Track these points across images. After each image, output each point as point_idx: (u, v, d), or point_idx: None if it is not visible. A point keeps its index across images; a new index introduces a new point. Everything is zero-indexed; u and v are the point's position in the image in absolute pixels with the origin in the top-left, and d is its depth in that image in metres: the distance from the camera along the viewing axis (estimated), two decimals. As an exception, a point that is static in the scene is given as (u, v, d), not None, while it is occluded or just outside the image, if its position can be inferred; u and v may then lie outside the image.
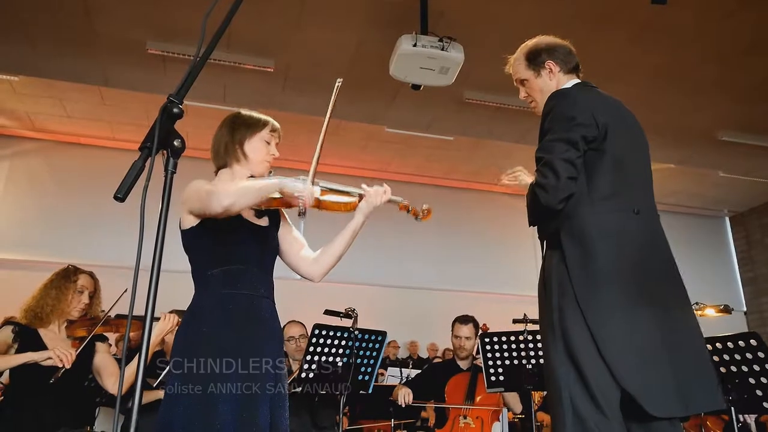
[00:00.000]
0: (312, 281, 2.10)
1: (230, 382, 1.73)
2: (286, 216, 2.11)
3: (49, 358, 2.51)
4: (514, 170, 2.20)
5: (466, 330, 4.05)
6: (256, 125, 1.99)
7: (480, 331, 4.01)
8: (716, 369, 2.69)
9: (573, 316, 1.75)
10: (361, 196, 2.03)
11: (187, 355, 1.76)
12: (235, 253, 1.87)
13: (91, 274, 2.92)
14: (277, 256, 2.06)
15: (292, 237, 2.08)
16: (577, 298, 1.74)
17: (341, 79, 1.97)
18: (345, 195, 2.02)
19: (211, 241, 1.85)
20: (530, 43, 2.14)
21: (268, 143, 2.00)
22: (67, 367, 2.52)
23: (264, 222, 1.99)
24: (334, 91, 1.96)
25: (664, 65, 5.96)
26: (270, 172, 2.04)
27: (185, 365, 1.75)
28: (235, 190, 1.75)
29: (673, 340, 1.75)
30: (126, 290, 2.67)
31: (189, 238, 1.88)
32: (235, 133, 1.97)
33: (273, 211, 2.02)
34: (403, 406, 3.73)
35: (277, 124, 2.04)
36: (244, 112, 2.05)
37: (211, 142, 2.03)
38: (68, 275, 2.84)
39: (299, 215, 1.84)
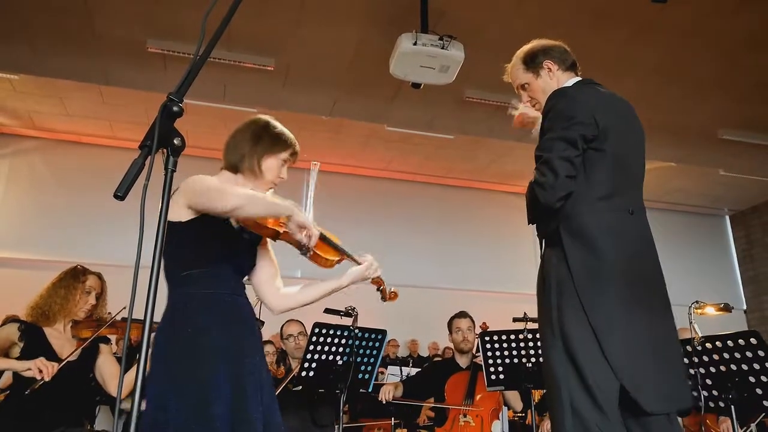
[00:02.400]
0: (271, 311, 2.05)
1: (221, 382, 1.70)
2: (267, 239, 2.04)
3: (29, 369, 2.48)
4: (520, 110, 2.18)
5: (466, 322, 4.09)
6: (281, 145, 1.95)
7: (479, 330, 4.02)
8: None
9: (572, 314, 1.75)
10: (341, 257, 1.99)
11: (174, 358, 1.71)
12: (218, 255, 1.83)
13: (99, 276, 2.92)
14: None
15: (268, 259, 2.03)
16: (579, 295, 1.74)
17: (318, 164, 1.99)
18: (333, 252, 1.97)
19: (198, 239, 1.80)
20: (525, 48, 2.15)
21: (283, 164, 1.96)
22: (47, 380, 2.48)
23: (246, 235, 1.95)
24: (313, 174, 1.96)
25: (664, 63, 5.96)
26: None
27: (172, 368, 1.69)
28: (247, 195, 1.71)
29: (662, 339, 1.78)
30: (124, 307, 2.65)
31: (176, 231, 1.79)
32: (258, 144, 1.92)
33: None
34: (384, 402, 3.74)
35: (298, 149, 1.99)
36: (274, 124, 1.99)
37: (231, 137, 1.97)
38: (77, 275, 2.82)
39: (302, 252, 1.78)
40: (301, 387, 3.26)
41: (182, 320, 1.76)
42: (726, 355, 2.71)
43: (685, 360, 2.76)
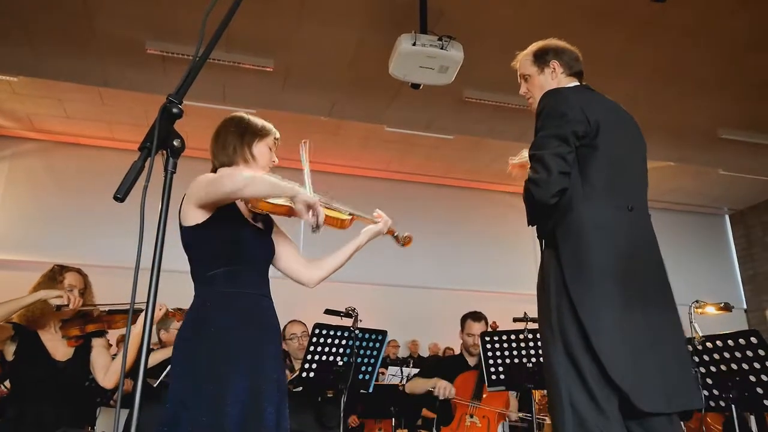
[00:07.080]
0: (306, 286, 2.10)
1: (238, 382, 1.73)
2: (277, 223, 2.11)
3: (59, 296, 2.58)
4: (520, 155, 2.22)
5: (479, 327, 4.09)
6: (263, 132, 2.03)
7: (490, 329, 4.02)
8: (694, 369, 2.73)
9: (570, 315, 1.75)
10: (353, 216, 2.07)
11: (195, 356, 1.75)
12: (239, 252, 1.87)
13: (79, 271, 2.86)
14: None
15: (286, 242, 2.10)
16: (570, 294, 1.75)
17: (308, 141, 2.03)
18: (344, 213, 2.05)
19: (216, 239, 1.85)
20: (540, 42, 2.20)
21: (271, 150, 2.04)
22: (72, 307, 2.60)
23: (260, 226, 2.01)
24: (303, 151, 2.00)
25: (664, 63, 5.96)
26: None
27: (192, 365, 1.74)
28: (252, 175, 1.78)
29: (660, 337, 1.77)
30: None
31: (192, 234, 1.85)
32: (244, 135, 2.00)
33: (265, 216, 2.02)
34: (441, 398, 3.73)
35: (278, 134, 2.09)
36: (248, 117, 2.07)
37: (215, 139, 2.02)
38: (54, 276, 2.78)
39: (313, 230, 1.81)
40: (301, 388, 3.25)
41: (205, 319, 1.80)
42: (726, 355, 2.71)
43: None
